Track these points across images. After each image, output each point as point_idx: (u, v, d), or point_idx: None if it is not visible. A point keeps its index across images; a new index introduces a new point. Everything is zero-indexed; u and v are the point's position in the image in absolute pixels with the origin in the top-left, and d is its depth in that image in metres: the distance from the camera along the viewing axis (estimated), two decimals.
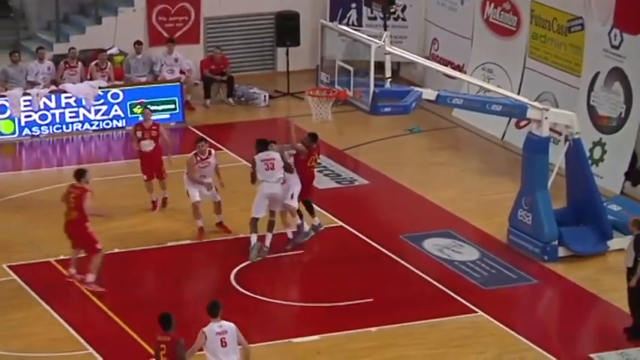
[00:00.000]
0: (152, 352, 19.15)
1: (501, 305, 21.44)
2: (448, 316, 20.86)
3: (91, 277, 21.29)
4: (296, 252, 23.01)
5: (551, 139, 23.72)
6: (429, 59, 29.64)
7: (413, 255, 23.03)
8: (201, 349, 16.68)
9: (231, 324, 16.80)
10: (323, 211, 24.68)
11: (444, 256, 23.21)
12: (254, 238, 22.63)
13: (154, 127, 24.72)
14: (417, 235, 23.60)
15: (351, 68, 25.12)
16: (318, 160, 24.06)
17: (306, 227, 23.14)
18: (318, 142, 23.61)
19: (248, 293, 21.52)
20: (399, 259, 22.73)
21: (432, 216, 24.94)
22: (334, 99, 25.86)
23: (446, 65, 29.80)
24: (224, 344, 16.84)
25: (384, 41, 23.90)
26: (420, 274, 22.39)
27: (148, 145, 24.63)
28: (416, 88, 23.90)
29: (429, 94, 23.46)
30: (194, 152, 23.36)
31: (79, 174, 21.61)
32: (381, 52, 23.79)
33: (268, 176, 22.65)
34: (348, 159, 28.07)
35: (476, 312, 21.15)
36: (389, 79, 24.17)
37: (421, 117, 28.95)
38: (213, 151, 23.71)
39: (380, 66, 23.74)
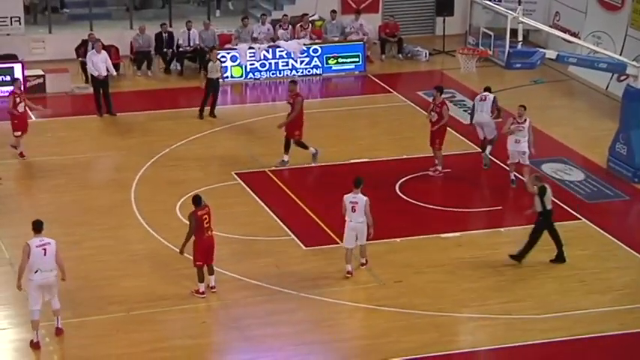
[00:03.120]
0: (336, 238, 19.42)
1: (600, 215, 21.04)
2: (561, 222, 20.53)
3: None
4: (445, 170, 22.84)
5: None
6: (552, 27, 29.00)
7: None
8: None
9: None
10: (467, 140, 24.46)
11: (557, 177, 22.85)
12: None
13: None
14: (538, 160, 23.22)
15: (492, 33, 24.77)
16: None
17: None
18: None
19: (408, 199, 21.52)
20: (524, 178, 22.41)
21: (550, 146, 24.48)
22: (478, 56, 25.54)
23: (564, 32, 29.10)
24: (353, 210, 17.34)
25: (518, 13, 23.48)
26: None
27: None
28: (541, 49, 23.51)
29: (551, 54, 23.13)
30: None
31: None
32: (515, 22, 23.40)
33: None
34: None
35: (580, 219, 20.81)
36: (520, 42, 23.76)
37: (544, 71, 28.38)
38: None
39: (514, 32, 23.35)
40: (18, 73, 26.85)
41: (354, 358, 16.01)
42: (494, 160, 23.30)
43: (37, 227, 16.16)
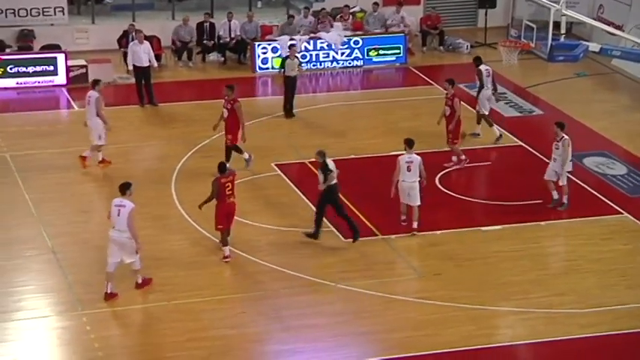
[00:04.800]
0: (374, 230, 19.47)
1: None
2: (601, 216, 20.45)
3: None
4: (484, 163, 22.78)
5: None
6: (595, 20, 28.80)
7: (576, 169, 22.52)
8: None
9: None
10: (508, 133, 24.38)
11: (599, 171, 22.69)
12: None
13: None
14: (579, 153, 23.08)
15: (534, 26, 24.72)
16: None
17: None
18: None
19: (448, 192, 21.49)
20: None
21: (592, 140, 24.34)
22: (520, 49, 25.45)
23: (608, 25, 28.88)
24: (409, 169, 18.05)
25: (561, 5, 23.34)
26: (581, 183, 21.95)
27: None
28: (584, 42, 23.38)
29: (595, 46, 22.99)
30: None
31: None
32: (558, 14, 23.29)
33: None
34: (529, 95, 27.57)
35: (622, 213, 20.66)
36: (563, 35, 23.65)
37: (587, 64, 28.19)
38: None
39: (557, 25, 23.23)
40: (61, 63, 27.11)
41: (392, 351, 16.03)
42: (539, 155, 23.23)
43: (121, 188, 17.13)
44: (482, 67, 24.03)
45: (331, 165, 18.96)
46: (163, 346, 16.11)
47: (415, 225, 19.45)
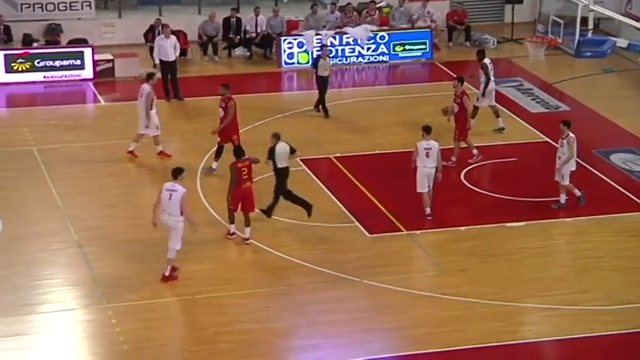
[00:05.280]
0: (399, 225, 19.48)
1: None
2: (627, 212, 20.36)
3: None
4: (509, 159, 22.73)
5: None
6: (623, 15, 28.64)
7: (602, 165, 22.50)
8: None
9: None
10: (533, 129, 24.31)
11: (626, 167, 22.58)
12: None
13: None
14: (606, 150, 23.01)
15: (561, 21, 24.69)
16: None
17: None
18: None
19: (473, 188, 21.45)
20: (592, 168, 22.23)
21: (619, 136, 24.24)
22: (547, 44, 25.42)
23: (637, 20, 28.71)
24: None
25: (589, 1, 23.25)
26: (607, 179, 21.87)
27: None
28: (612, 38, 23.26)
29: (622, 42, 22.94)
30: None
31: None
32: (585, 10, 23.18)
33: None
34: (555, 90, 27.44)
35: None
36: (591, 31, 23.56)
37: (614, 60, 28.06)
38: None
39: (584, 20, 23.13)
40: (88, 57, 27.26)
41: (415, 346, 16.04)
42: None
43: (174, 173, 17.55)
44: (487, 61, 24.01)
45: (281, 149, 19.36)
46: (188, 339, 16.19)
47: (428, 210, 19.75)
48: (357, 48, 29.35)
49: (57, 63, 27.17)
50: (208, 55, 29.24)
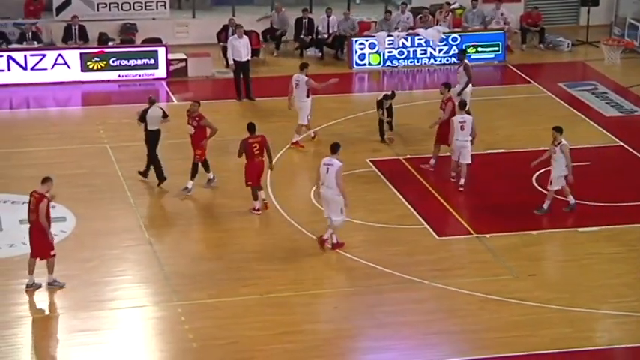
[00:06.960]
0: (469, 228, 19.38)
1: None
2: None
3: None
4: (583, 163, 22.44)
5: None
6: None
7: None
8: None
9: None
10: (608, 133, 24.00)
11: None
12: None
13: None
14: None
15: (638, 24, 24.30)
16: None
17: None
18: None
19: (545, 192, 21.23)
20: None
21: None
22: (623, 47, 25.06)
23: None
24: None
25: None
26: None
27: None
28: None
29: None
30: None
31: None
32: None
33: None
34: (631, 94, 27.06)
35: None
36: None
37: None
38: None
39: None
40: (162, 56, 27.56)
41: (484, 350, 15.93)
42: None
43: (332, 148, 18.58)
44: (468, 61, 23.89)
45: (154, 112, 20.87)
46: (256, 338, 16.27)
47: (462, 182, 20.73)
48: (429, 50, 29.24)
49: (131, 62, 27.51)
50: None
